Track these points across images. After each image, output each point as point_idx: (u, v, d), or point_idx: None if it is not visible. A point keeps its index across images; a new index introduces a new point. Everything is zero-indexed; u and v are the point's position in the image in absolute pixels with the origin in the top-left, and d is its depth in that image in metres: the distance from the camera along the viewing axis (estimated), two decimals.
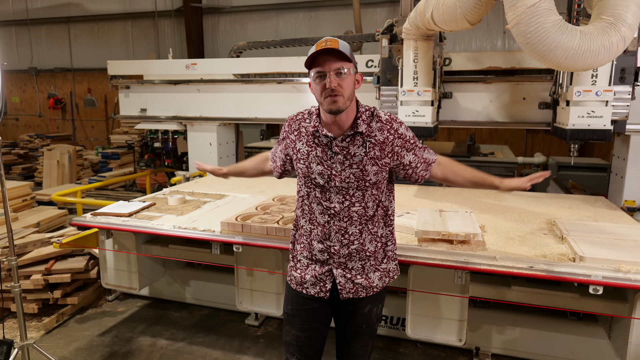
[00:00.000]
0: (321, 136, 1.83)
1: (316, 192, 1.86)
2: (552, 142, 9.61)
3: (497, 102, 4.20)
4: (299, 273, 1.95)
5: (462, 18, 2.96)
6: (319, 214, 1.87)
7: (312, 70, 1.77)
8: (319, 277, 1.91)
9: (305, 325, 1.98)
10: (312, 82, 1.78)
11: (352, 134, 1.81)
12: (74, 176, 8.73)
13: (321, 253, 1.89)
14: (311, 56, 1.72)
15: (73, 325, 3.67)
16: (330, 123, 1.81)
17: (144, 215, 3.15)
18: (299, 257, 1.97)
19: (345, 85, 1.73)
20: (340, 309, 1.98)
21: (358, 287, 1.90)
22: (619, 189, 3.97)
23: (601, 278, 2.10)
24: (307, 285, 1.93)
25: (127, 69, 5.49)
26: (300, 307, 1.97)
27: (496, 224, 2.89)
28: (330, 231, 1.86)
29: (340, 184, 1.82)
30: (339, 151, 1.82)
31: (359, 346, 2.03)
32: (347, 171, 1.81)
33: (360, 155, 1.81)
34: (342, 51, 1.70)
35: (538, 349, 3.04)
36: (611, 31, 2.44)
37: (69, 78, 12.68)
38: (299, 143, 1.88)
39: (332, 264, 1.89)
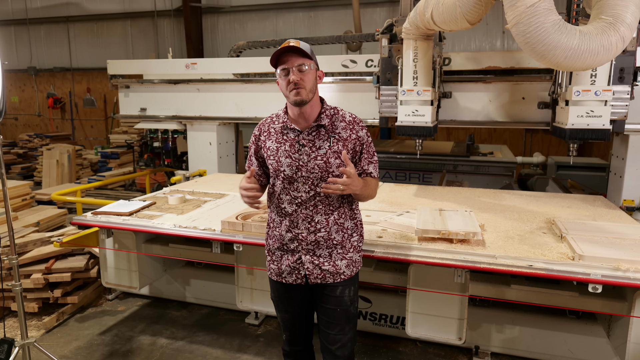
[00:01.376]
0: (289, 131, 2.01)
1: (285, 183, 2.02)
2: (551, 141, 9.63)
3: (497, 101, 4.21)
4: (276, 265, 2.12)
5: (461, 18, 2.97)
6: (288, 203, 2.03)
7: (277, 67, 1.96)
8: (293, 266, 2.07)
9: (288, 308, 2.19)
10: (279, 78, 1.97)
11: (316, 125, 2.00)
12: (74, 176, 8.72)
13: (291, 241, 2.05)
14: (276, 55, 1.91)
15: (73, 324, 3.67)
16: (297, 117, 2.00)
17: (145, 214, 3.16)
18: (273, 250, 2.13)
19: (307, 79, 1.92)
20: (316, 295, 2.13)
21: (325, 273, 2.05)
22: (618, 188, 3.99)
23: (600, 277, 2.11)
24: (284, 275, 2.10)
25: (126, 68, 5.49)
26: (281, 294, 2.17)
27: (496, 223, 2.90)
28: (297, 219, 2.02)
29: (307, 174, 1.99)
30: (306, 143, 1.99)
31: (337, 332, 2.12)
32: (312, 162, 1.98)
33: (325, 148, 1.99)
34: (303, 49, 1.91)
35: (537, 348, 3.04)
36: (610, 31, 2.45)
37: (68, 78, 12.68)
38: (269, 142, 2.04)
39: (301, 251, 2.05)
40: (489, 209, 3.29)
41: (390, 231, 2.71)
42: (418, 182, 6.36)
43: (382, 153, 6.59)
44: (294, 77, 1.90)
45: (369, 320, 3.43)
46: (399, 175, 6.55)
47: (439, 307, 2.65)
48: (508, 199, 3.60)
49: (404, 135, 3.73)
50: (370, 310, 3.42)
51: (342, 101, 4.77)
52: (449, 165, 6.30)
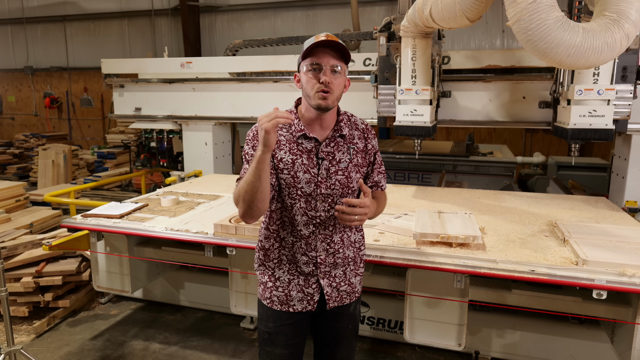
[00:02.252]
0: (305, 140, 1.74)
1: (301, 202, 1.75)
2: (551, 141, 9.56)
3: (497, 101, 4.13)
4: (282, 291, 1.83)
5: (461, 15, 2.90)
6: (304, 225, 1.77)
7: (306, 60, 1.68)
8: (306, 291, 1.82)
9: (290, 341, 1.88)
10: (305, 73, 1.69)
11: (337, 136, 1.77)
12: (70, 176, 8.65)
13: (306, 265, 1.80)
14: (313, 46, 1.64)
15: (64, 329, 3.59)
16: (313, 123, 1.75)
17: (136, 216, 3.08)
18: (277, 274, 1.84)
19: (338, 84, 1.68)
20: (321, 318, 1.90)
21: (343, 295, 1.87)
22: (620, 189, 3.91)
23: (605, 282, 2.04)
24: (293, 302, 1.83)
25: (121, 67, 5.41)
26: (284, 323, 1.86)
27: (496, 226, 2.82)
28: (316, 241, 1.79)
29: (327, 191, 1.75)
30: (325, 157, 1.75)
31: (345, 348, 1.96)
32: (333, 178, 1.75)
33: (345, 162, 1.77)
34: (344, 49, 1.66)
35: (539, 353, 2.98)
36: (614, 28, 2.38)
37: (65, 77, 12.59)
38: (280, 152, 1.73)
39: (318, 275, 1.81)
40: (489, 211, 3.22)
41: (388, 234, 2.63)
42: (417, 183, 6.29)
43: (381, 153, 6.51)
44: (326, 78, 1.63)
45: (367, 325, 3.36)
46: (397, 176, 6.48)
47: (438, 312, 2.58)
48: (509, 201, 3.53)
49: (403, 135, 3.65)
50: (369, 315, 3.35)
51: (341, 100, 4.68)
52: (449, 166, 6.23)
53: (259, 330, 1.92)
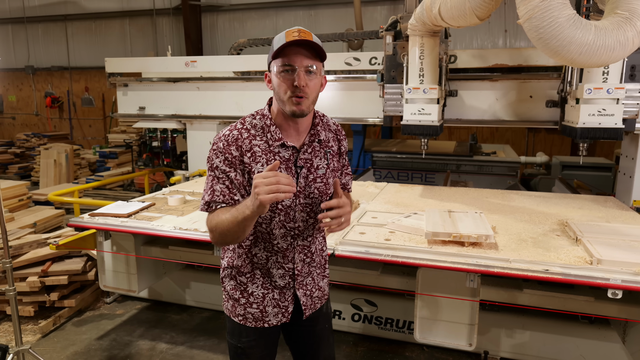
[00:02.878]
0: (282, 150, 1.58)
1: (280, 216, 1.62)
2: (554, 141, 9.55)
3: (504, 100, 4.12)
4: (257, 308, 1.71)
5: (471, 13, 2.89)
6: (281, 238, 1.65)
7: (277, 60, 1.51)
8: (282, 305, 1.73)
9: (266, 351, 1.81)
10: (275, 75, 1.52)
11: (314, 141, 1.64)
12: (71, 176, 8.62)
13: (282, 278, 1.70)
14: (284, 46, 1.47)
15: (70, 329, 3.57)
16: (288, 128, 1.59)
17: (144, 215, 3.06)
18: (250, 290, 1.71)
19: (313, 87, 1.53)
20: (297, 326, 1.81)
21: (315, 301, 1.80)
22: (627, 188, 3.90)
23: (620, 282, 2.02)
24: (269, 317, 1.73)
25: (125, 66, 5.40)
26: (258, 338, 1.76)
27: (507, 225, 2.81)
28: (293, 252, 1.68)
29: (305, 201, 1.64)
30: (303, 164, 1.62)
31: (326, 347, 1.91)
32: (311, 186, 1.63)
33: (323, 168, 1.66)
34: (319, 47, 1.49)
35: (548, 353, 2.96)
36: (627, 26, 2.37)
37: (66, 77, 12.55)
38: (257, 165, 1.55)
39: (294, 287, 1.72)
40: (499, 210, 3.20)
41: (398, 234, 2.62)
42: (420, 182, 6.27)
43: (384, 153, 6.50)
44: (300, 82, 1.47)
45: (374, 325, 3.35)
46: (401, 175, 6.47)
47: (449, 312, 2.56)
48: (517, 200, 3.51)
49: (410, 134, 3.63)
50: (376, 315, 3.34)
51: (344, 100, 4.68)
52: (452, 165, 6.21)
53: (230, 345, 1.80)
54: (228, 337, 1.80)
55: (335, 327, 3.37)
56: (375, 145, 7.23)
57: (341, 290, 3.34)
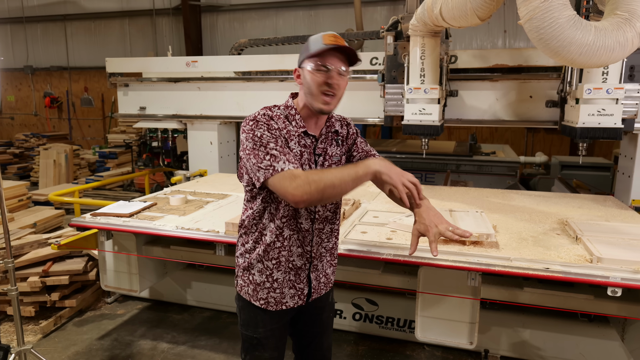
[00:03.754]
0: (304, 138, 1.73)
1: None
2: (553, 141, 9.58)
3: (504, 100, 4.14)
4: (278, 292, 1.78)
5: (472, 14, 2.90)
6: (305, 219, 1.76)
7: (314, 59, 1.64)
8: (298, 287, 1.81)
9: (279, 342, 1.88)
10: (312, 72, 1.64)
11: (330, 132, 1.81)
12: (71, 176, 8.62)
13: (299, 258, 1.79)
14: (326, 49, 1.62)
15: (71, 329, 3.58)
16: (309, 120, 1.74)
17: (146, 215, 3.07)
18: (274, 275, 1.78)
19: (342, 88, 1.69)
20: (304, 314, 1.91)
21: (321, 286, 1.90)
22: (626, 188, 3.92)
23: (620, 280, 2.04)
24: (286, 299, 1.81)
25: (125, 66, 5.40)
26: (274, 326, 1.83)
27: (507, 224, 2.82)
28: (312, 235, 1.80)
29: None
30: (321, 152, 1.78)
31: (327, 337, 2.02)
32: None
33: (337, 155, 1.83)
34: (355, 55, 1.68)
35: (548, 351, 2.98)
36: (626, 27, 2.39)
37: (65, 77, 12.55)
38: (291, 143, 1.69)
39: (309, 268, 1.83)
40: (499, 209, 3.22)
41: (400, 233, 2.63)
42: (420, 182, 6.23)
43: (384, 153, 6.52)
44: (334, 81, 1.63)
45: (375, 324, 3.36)
46: None
47: (450, 310, 2.57)
48: (517, 199, 3.53)
49: (411, 134, 3.65)
50: (377, 313, 3.35)
51: (345, 100, 4.62)
52: (452, 165, 6.23)
53: (245, 336, 1.85)
54: (242, 330, 1.86)
55: (336, 326, 3.40)
56: (376, 145, 7.24)
57: (342, 289, 3.35)
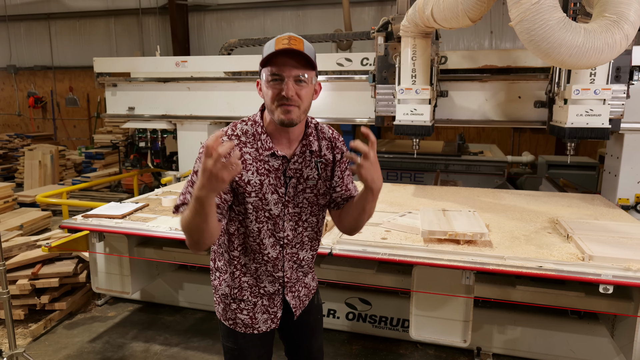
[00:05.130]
0: (272, 159, 1.55)
1: (269, 224, 1.60)
2: (539, 140, 9.73)
3: (493, 100, 4.20)
4: (247, 314, 1.70)
5: (463, 15, 2.93)
6: (271, 247, 1.63)
7: (266, 69, 1.47)
8: (271, 311, 1.73)
9: (260, 352, 1.79)
10: (265, 83, 1.49)
11: (304, 151, 1.60)
12: (57, 177, 8.48)
13: (271, 284, 1.69)
14: (271, 55, 1.44)
15: (62, 332, 3.53)
16: (279, 136, 1.56)
17: (138, 216, 3.04)
18: (242, 296, 1.69)
19: (304, 96, 1.48)
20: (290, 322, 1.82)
21: (303, 299, 1.81)
22: (613, 187, 4.00)
23: (611, 277, 2.09)
24: (258, 324, 1.73)
25: (114, 66, 5.34)
26: (248, 342, 1.75)
27: (499, 223, 2.86)
28: (283, 261, 1.67)
29: (294, 210, 1.63)
30: (293, 174, 1.59)
31: (318, 338, 1.94)
32: (300, 196, 1.62)
33: (314, 179, 1.63)
34: (308, 55, 1.45)
35: (539, 348, 3.03)
36: (614, 29, 2.44)
37: (49, 76, 12.34)
38: (248, 174, 1.52)
39: (283, 292, 1.73)
40: (490, 208, 3.26)
41: (394, 232, 2.65)
42: (409, 182, 6.33)
43: None
44: (288, 92, 1.43)
45: (368, 323, 3.38)
46: (390, 175, 6.52)
47: (444, 309, 2.61)
48: (508, 199, 3.58)
49: (402, 134, 3.67)
50: (370, 313, 3.37)
51: (336, 100, 4.70)
52: (441, 165, 6.29)
53: (226, 348, 1.78)
54: (223, 340, 1.78)
55: (329, 326, 3.41)
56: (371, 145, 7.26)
57: (335, 289, 3.36)
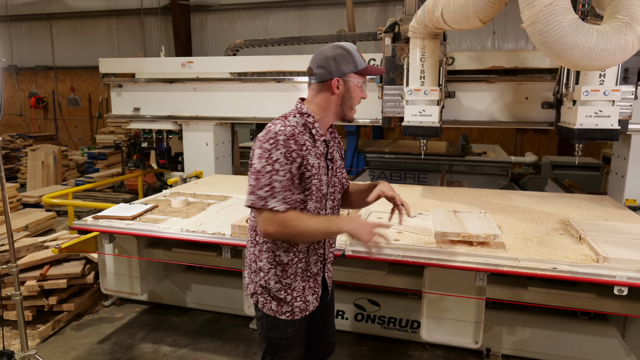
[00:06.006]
0: (321, 146, 1.78)
1: (320, 203, 1.81)
2: (541, 141, 9.74)
3: (500, 101, 4.19)
4: (301, 300, 1.84)
5: (474, 16, 2.93)
6: None
7: (361, 76, 1.77)
8: (316, 291, 1.90)
9: (304, 338, 1.96)
10: (358, 88, 1.76)
11: (333, 138, 1.90)
12: (59, 177, 8.47)
13: (315, 264, 1.86)
14: (369, 68, 1.78)
15: (70, 333, 3.52)
16: (322, 128, 1.81)
17: (149, 218, 3.04)
18: (294, 286, 1.83)
19: None
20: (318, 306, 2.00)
21: (331, 278, 2.03)
22: (619, 188, 4.00)
23: (626, 279, 2.09)
24: (310, 306, 1.88)
25: (119, 67, 5.33)
26: (300, 329, 1.90)
27: (510, 225, 2.86)
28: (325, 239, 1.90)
29: (332, 189, 1.87)
30: (331, 157, 1.86)
31: (333, 322, 2.14)
32: (334, 177, 1.87)
33: (339, 160, 1.92)
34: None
35: (549, 349, 3.03)
36: (627, 30, 2.44)
37: (51, 76, 12.33)
38: (311, 158, 1.72)
39: (324, 271, 1.92)
40: (499, 210, 3.27)
41: (406, 234, 2.65)
42: (413, 182, 6.34)
43: (377, 153, 6.56)
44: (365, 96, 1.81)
45: (377, 324, 3.38)
46: (393, 176, 6.53)
47: (455, 310, 2.61)
48: (516, 200, 3.58)
49: (411, 135, 3.67)
50: (379, 314, 3.37)
51: None
52: (444, 165, 6.29)
53: (273, 339, 1.87)
54: (269, 333, 1.87)
55: (338, 327, 3.41)
56: (368, 145, 7.27)
57: (344, 290, 3.36)
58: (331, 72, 1.71)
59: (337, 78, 1.72)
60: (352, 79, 1.73)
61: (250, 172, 1.65)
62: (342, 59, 1.71)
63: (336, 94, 1.74)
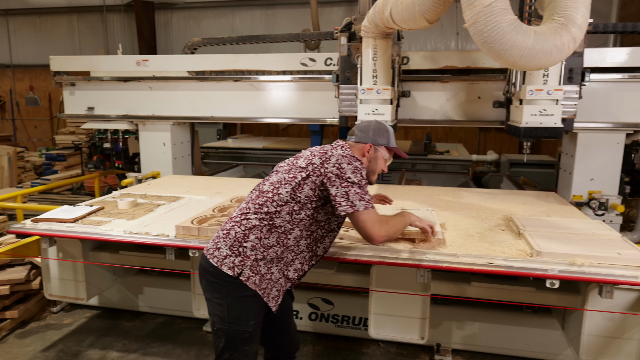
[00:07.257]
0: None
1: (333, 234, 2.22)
2: (504, 140, 9.98)
3: (454, 100, 4.27)
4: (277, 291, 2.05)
5: (420, 17, 2.96)
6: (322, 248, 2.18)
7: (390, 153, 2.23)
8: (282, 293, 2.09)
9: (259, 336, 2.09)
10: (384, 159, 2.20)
11: None
12: (15, 179, 8.15)
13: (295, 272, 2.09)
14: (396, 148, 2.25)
15: (13, 341, 3.38)
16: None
17: (92, 220, 2.95)
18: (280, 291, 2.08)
19: None
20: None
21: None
22: (568, 184, 4.14)
23: (557, 272, 2.15)
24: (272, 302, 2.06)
25: (72, 64, 5.16)
26: (261, 317, 2.05)
27: (456, 221, 2.91)
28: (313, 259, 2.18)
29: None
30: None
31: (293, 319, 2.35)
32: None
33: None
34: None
35: (497, 343, 3.10)
36: (563, 32, 2.51)
37: (8, 75, 11.88)
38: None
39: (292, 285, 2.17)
40: (449, 207, 3.32)
41: (351, 232, 2.65)
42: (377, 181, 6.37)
43: None
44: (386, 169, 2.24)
45: (331, 323, 3.38)
46: None
47: (402, 307, 2.63)
48: (466, 197, 3.65)
49: None
50: (333, 313, 3.37)
51: (301, 100, 4.68)
52: (407, 164, 6.36)
53: (236, 333, 1.96)
54: (232, 327, 1.94)
55: None
56: None
57: (298, 290, 3.33)
58: (368, 138, 2.13)
59: (371, 144, 2.13)
60: (381, 150, 2.16)
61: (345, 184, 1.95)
62: (380, 132, 2.14)
63: (366, 157, 2.12)
